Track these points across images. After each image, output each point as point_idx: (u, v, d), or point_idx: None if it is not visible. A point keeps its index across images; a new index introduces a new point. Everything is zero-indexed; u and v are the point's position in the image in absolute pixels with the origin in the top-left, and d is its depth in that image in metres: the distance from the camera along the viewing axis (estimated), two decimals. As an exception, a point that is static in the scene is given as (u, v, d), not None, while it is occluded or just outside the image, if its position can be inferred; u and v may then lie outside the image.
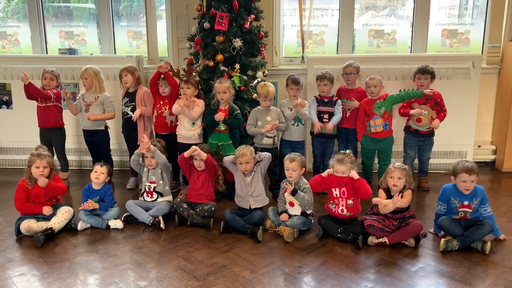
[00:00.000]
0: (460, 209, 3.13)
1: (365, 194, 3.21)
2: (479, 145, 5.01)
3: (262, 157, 3.47)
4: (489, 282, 2.67)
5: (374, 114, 4.07)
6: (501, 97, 4.93)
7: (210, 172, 3.58)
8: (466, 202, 3.11)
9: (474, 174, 3.06)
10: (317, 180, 3.35)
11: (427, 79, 4.11)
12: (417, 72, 4.16)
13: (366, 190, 3.20)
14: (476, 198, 3.11)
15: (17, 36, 5.55)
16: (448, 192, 3.18)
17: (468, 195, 3.12)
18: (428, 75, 4.11)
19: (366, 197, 3.23)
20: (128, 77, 4.21)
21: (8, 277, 2.76)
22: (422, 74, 4.11)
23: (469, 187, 3.08)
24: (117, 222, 3.47)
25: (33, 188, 3.38)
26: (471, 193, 3.11)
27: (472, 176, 3.06)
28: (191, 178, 3.64)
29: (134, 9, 5.44)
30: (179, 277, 2.74)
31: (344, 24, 5.06)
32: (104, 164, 3.64)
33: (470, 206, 3.11)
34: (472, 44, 5.12)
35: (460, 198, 3.13)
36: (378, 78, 4.08)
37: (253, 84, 4.26)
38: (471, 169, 3.06)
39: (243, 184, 3.47)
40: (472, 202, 3.11)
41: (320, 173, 3.41)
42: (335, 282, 2.68)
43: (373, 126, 4.08)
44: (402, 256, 3.00)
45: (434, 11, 5.04)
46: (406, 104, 4.19)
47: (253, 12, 4.30)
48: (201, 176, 3.59)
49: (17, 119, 4.92)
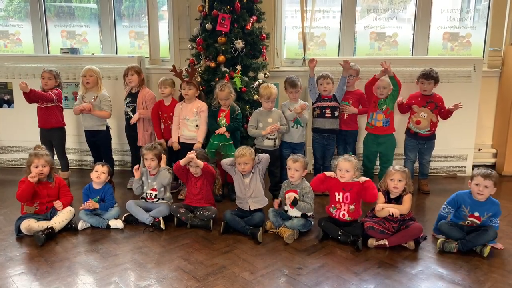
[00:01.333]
0: (469, 218, 3.10)
1: (371, 197, 3.20)
2: (479, 149, 5.01)
3: (260, 158, 3.47)
4: (489, 285, 2.68)
5: (377, 109, 4.12)
6: (502, 100, 4.93)
7: (208, 178, 3.56)
8: (477, 214, 3.07)
9: (489, 179, 3.01)
10: (320, 177, 3.35)
11: (430, 84, 4.12)
12: (421, 76, 4.15)
13: (374, 193, 3.20)
14: (489, 213, 3.07)
15: (19, 35, 5.56)
16: (460, 199, 3.13)
17: (481, 207, 3.06)
18: (431, 80, 4.11)
19: (372, 200, 3.23)
20: (134, 77, 4.22)
21: (8, 276, 2.76)
22: (425, 79, 4.11)
23: (482, 192, 3.03)
24: (117, 222, 3.47)
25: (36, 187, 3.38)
26: (484, 205, 3.06)
27: (487, 181, 3.01)
28: (189, 183, 3.61)
29: (136, 9, 5.45)
30: (179, 277, 2.74)
31: (345, 26, 5.07)
32: (105, 164, 3.64)
33: (480, 218, 3.07)
34: (473, 48, 5.13)
35: (472, 208, 3.08)
36: (387, 81, 4.10)
37: (254, 85, 4.27)
38: (487, 175, 3.03)
39: (242, 185, 3.47)
40: (483, 215, 3.07)
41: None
42: (334, 284, 2.68)
43: (375, 119, 4.13)
44: (402, 258, 3.00)
45: (436, 14, 5.04)
46: (407, 103, 4.22)
47: (255, 13, 4.31)
48: (198, 181, 3.57)
49: (18, 118, 4.93)
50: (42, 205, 3.40)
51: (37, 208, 3.39)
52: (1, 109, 5.00)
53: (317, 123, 4.16)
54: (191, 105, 4.03)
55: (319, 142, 4.22)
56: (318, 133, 4.20)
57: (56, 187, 3.46)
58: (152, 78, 4.93)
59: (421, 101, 4.16)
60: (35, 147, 3.59)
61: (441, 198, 4.08)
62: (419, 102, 4.16)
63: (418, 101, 4.17)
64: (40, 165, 3.36)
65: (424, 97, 4.17)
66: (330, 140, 4.20)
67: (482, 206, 3.07)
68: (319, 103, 4.15)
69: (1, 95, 4.98)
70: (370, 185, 3.21)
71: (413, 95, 4.26)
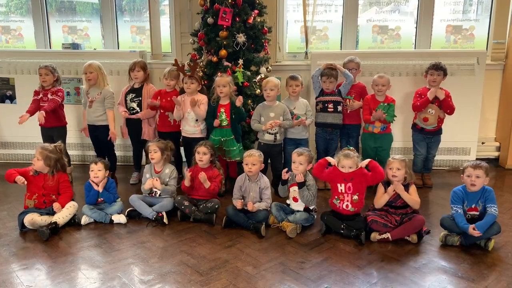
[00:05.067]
0: (468, 212, 3.11)
1: (380, 174, 3.21)
2: (482, 142, 4.99)
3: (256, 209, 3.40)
4: (492, 278, 2.67)
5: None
6: (505, 93, 4.90)
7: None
8: (473, 205, 3.09)
9: (479, 169, 3.04)
10: (321, 163, 3.35)
11: (439, 76, 4.06)
12: (430, 68, 4.08)
13: (381, 170, 3.21)
14: (483, 201, 3.07)
15: (21, 31, 5.55)
16: (459, 194, 3.12)
17: (475, 198, 3.08)
18: (441, 72, 4.05)
19: (381, 178, 3.23)
20: (140, 73, 4.22)
21: (12, 270, 2.77)
22: (435, 70, 4.04)
23: (475, 183, 3.04)
24: (120, 217, 3.47)
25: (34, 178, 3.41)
26: (477, 194, 3.07)
27: (477, 171, 3.04)
28: (194, 182, 3.60)
29: (137, 4, 5.43)
30: (182, 271, 2.75)
31: (348, 20, 5.03)
32: (98, 161, 3.60)
33: (477, 208, 3.09)
34: (476, 40, 5.09)
35: (468, 202, 3.10)
36: (387, 78, 4.06)
37: (257, 79, 4.26)
38: (476, 165, 3.06)
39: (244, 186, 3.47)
40: (478, 205, 3.08)
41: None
42: (337, 278, 2.68)
43: (372, 125, 4.11)
44: (405, 252, 3.00)
45: (439, 7, 5.00)
46: (416, 99, 4.18)
47: (256, 7, 4.28)
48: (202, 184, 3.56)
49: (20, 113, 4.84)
50: (40, 198, 3.40)
51: (36, 201, 3.40)
52: (4, 104, 5.01)
53: (320, 118, 4.15)
54: (192, 98, 4.01)
55: (322, 137, 4.20)
56: (321, 127, 4.19)
57: (55, 182, 3.46)
58: (153, 73, 4.91)
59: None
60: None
61: (444, 191, 4.10)
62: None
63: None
64: (35, 158, 3.39)
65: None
66: (333, 135, 4.18)
67: (476, 197, 3.09)
68: (322, 98, 4.13)
69: (3, 91, 4.98)
70: (375, 164, 3.24)
71: (419, 91, 4.21)
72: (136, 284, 2.62)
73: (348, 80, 4.10)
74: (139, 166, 4.47)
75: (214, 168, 3.61)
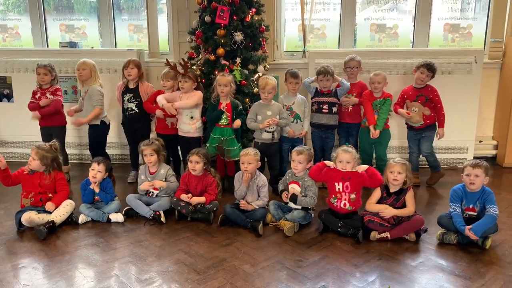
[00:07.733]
0: (466, 212, 3.11)
1: (379, 181, 3.22)
2: (480, 140, 5.00)
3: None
4: (489, 277, 2.68)
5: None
6: (503, 92, 4.91)
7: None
8: (471, 206, 3.09)
9: (478, 168, 3.03)
10: (319, 166, 3.34)
11: (428, 76, 4.07)
12: (423, 66, 4.06)
13: (379, 178, 3.22)
14: (481, 202, 3.07)
15: (18, 29, 5.53)
16: (458, 192, 3.12)
17: (474, 198, 3.07)
18: (431, 73, 4.06)
19: (379, 184, 3.24)
20: (134, 70, 4.20)
21: (10, 269, 2.76)
22: (427, 70, 4.04)
23: (474, 182, 3.04)
24: (117, 216, 3.47)
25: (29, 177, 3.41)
26: (476, 194, 3.07)
27: (476, 170, 3.03)
28: (190, 188, 3.58)
29: (135, 3, 5.42)
30: (179, 270, 2.74)
31: (345, 18, 5.03)
32: (101, 162, 3.58)
33: (475, 209, 3.09)
34: (474, 39, 5.09)
35: (467, 201, 3.10)
36: (383, 75, 4.06)
37: (254, 78, 4.25)
38: (475, 163, 3.06)
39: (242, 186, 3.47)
40: (476, 205, 3.08)
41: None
42: (335, 276, 2.68)
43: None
44: (402, 250, 3.00)
45: (436, 5, 5.01)
46: (399, 100, 4.21)
47: (254, 5, 4.27)
48: (198, 185, 3.55)
49: (17, 112, 4.91)
50: (36, 196, 3.40)
51: (32, 200, 3.39)
52: (1, 103, 4.99)
53: (314, 118, 4.15)
54: (187, 96, 4.00)
55: (317, 135, 4.21)
56: (316, 128, 4.20)
57: (52, 180, 3.45)
58: (151, 72, 4.91)
59: (412, 95, 4.14)
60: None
61: (442, 189, 4.11)
62: (410, 96, 4.15)
63: (410, 95, 4.15)
64: (31, 157, 3.39)
65: (415, 91, 4.14)
66: (329, 134, 4.19)
67: (474, 197, 3.09)
68: (317, 98, 4.13)
69: (0, 90, 4.97)
70: (373, 171, 3.23)
71: (405, 90, 4.23)
72: (133, 282, 2.62)
73: (345, 88, 4.10)
74: (137, 165, 4.46)
75: (209, 175, 3.57)
